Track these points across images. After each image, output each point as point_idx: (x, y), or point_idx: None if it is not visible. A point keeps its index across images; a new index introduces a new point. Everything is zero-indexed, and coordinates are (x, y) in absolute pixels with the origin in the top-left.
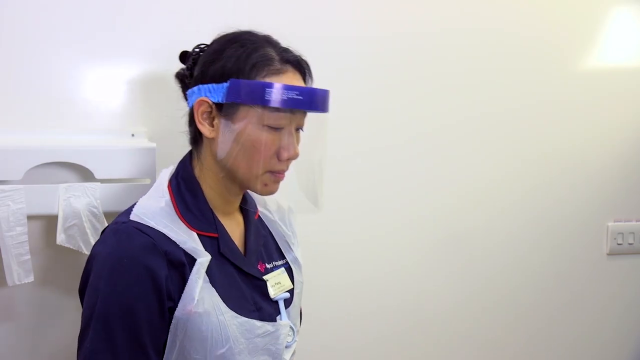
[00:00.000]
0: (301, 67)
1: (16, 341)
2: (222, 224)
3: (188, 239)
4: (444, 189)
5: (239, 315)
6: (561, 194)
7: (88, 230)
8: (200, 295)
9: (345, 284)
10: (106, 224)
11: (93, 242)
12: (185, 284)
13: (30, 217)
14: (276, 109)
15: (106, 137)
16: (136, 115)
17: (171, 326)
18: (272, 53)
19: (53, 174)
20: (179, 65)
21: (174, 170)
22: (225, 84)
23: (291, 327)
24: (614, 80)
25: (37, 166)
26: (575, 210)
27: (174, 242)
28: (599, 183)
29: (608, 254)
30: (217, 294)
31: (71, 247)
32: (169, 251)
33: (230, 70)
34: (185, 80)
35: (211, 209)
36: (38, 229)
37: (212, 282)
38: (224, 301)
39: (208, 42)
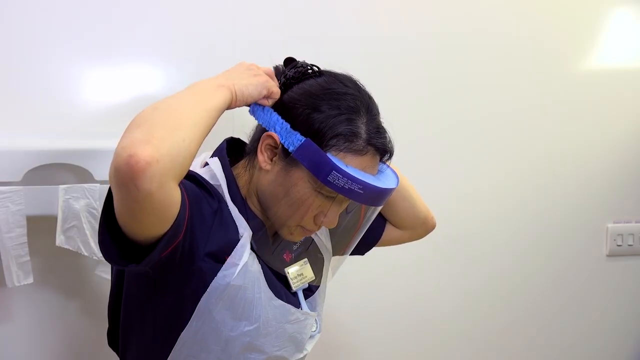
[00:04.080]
0: (384, 152)
1: (16, 342)
2: (252, 212)
3: (235, 209)
4: (443, 191)
5: (276, 298)
6: (561, 195)
7: (87, 232)
8: (243, 268)
9: (344, 285)
10: None
11: (92, 244)
12: (209, 233)
13: (29, 219)
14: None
15: (105, 138)
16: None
17: (195, 270)
18: (362, 130)
19: (52, 175)
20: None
21: (206, 157)
22: (301, 138)
23: (315, 319)
24: (614, 82)
25: (37, 167)
26: (575, 212)
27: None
28: (599, 184)
29: (607, 255)
30: (260, 269)
31: (70, 248)
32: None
33: (313, 126)
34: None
35: (243, 198)
36: (37, 231)
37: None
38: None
39: (307, 60)
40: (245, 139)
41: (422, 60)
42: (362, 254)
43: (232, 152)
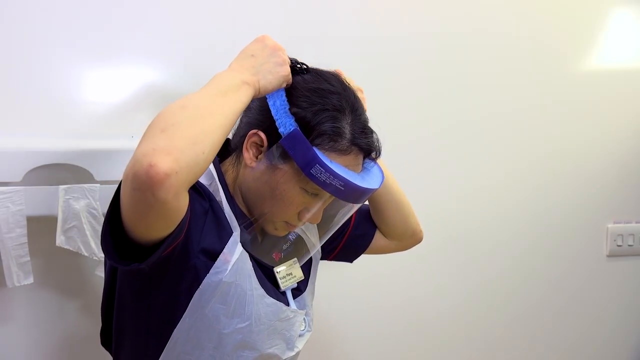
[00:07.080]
0: (369, 152)
1: (16, 343)
2: (241, 211)
3: (227, 207)
4: (443, 191)
5: (267, 296)
6: (561, 195)
7: (87, 232)
8: (235, 265)
9: (345, 285)
10: None
11: (93, 244)
12: (202, 232)
13: (29, 219)
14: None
15: (105, 138)
16: (135, 117)
17: (189, 266)
18: (347, 130)
19: (53, 175)
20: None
21: None
22: (293, 124)
23: (304, 317)
24: (614, 82)
25: (37, 168)
26: (575, 212)
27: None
28: (599, 184)
29: (608, 256)
30: (252, 267)
31: (71, 248)
32: (212, 203)
33: (302, 121)
34: None
35: (231, 195)
36: (38, 231)
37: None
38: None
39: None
40: None
41: (422, 60)
42: (351, 261)
43: (220, 150)
